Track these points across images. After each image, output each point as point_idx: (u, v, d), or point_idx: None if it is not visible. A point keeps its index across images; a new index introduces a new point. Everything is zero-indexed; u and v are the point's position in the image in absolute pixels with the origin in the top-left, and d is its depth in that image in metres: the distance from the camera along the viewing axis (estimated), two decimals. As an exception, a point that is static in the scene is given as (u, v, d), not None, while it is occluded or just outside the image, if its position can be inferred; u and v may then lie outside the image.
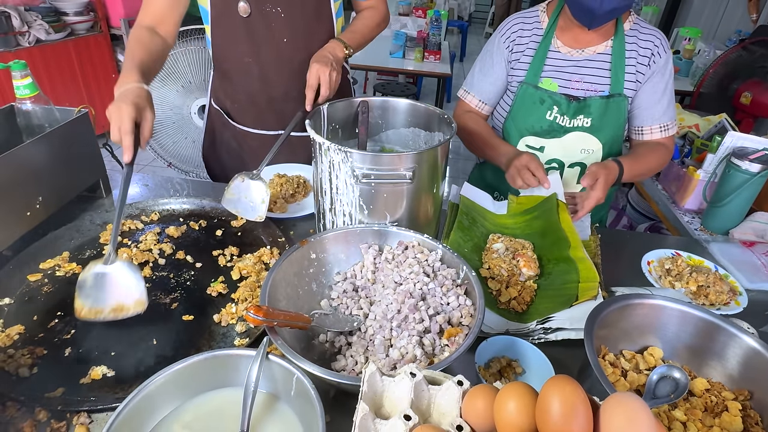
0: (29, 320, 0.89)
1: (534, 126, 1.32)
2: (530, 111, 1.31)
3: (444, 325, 0.79)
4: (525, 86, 1.31)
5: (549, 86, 1.29)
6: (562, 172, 1.35)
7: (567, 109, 1.27)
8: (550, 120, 1.29)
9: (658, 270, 1.12)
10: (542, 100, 1.29)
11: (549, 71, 1.30)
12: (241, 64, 1.35)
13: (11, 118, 1.16)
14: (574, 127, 1.29)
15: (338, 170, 0.96)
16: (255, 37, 1.29)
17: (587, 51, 1.28)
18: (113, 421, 0.60)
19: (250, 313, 0.69)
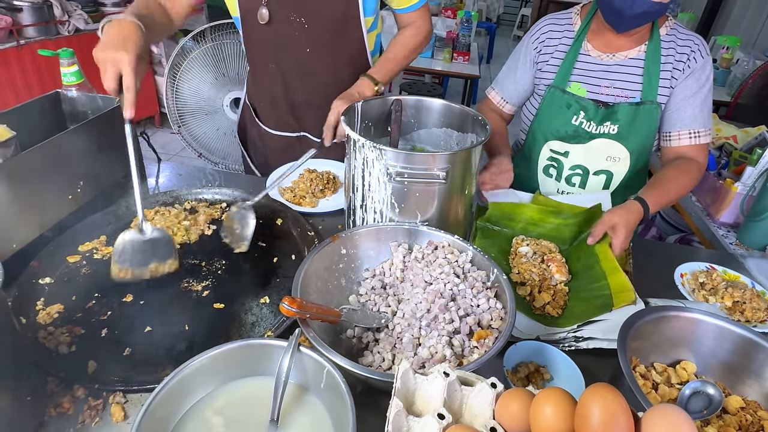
0: (68, 300, 0.92)
1: (559, 130, 1.30)
2: (556, 115, 1.30)
3: (474, 327, 0.79)
4: (552, 90, 1.29)
5: (577, 91, 1.27)
6: (586, 179, 1.33)
7: (594, 114, 1.25)
8: (576, 125, 1.28)
9: (692, 283, 1.10)
10: (569, 105, 1.27)
11: (578, 75, 1.28)
12: (265, 68, 1.36)
13: (56, 104, 1.19)
14: (600, 133, 1.26)
15: (371, 167, 0.96)
16: (277, 44, 1.29)
17: (618, 56, 1.25)
18: (151, 402, 0.61)
19: (285, 304, 0.70)
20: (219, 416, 0.68)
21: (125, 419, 0.72)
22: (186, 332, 0.88)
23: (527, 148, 1.41)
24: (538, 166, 1.38)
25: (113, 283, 0.97)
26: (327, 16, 1.23)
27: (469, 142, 1.15)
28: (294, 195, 1.27)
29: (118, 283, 0.97)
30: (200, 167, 1.46)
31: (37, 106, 1.15)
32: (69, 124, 1.19)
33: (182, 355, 0.83)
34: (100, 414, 0.72)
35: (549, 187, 1.40)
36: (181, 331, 0.88)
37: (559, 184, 1.37)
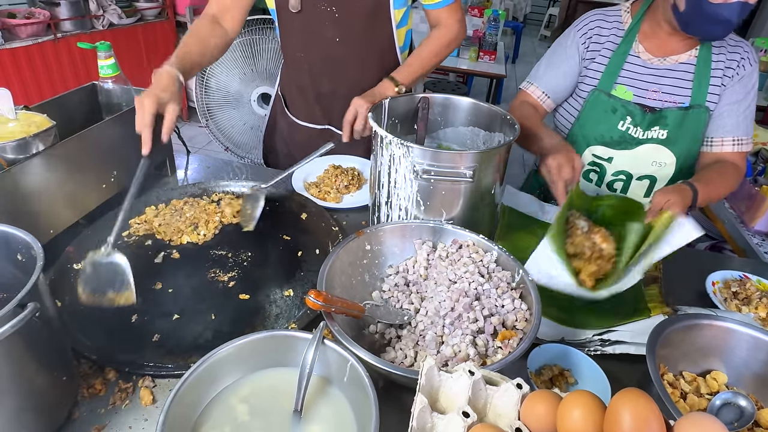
0: (101, 286, 0.95)
1: (604, 135, 1.26)
2: (601, 119, 1.25)
3: (498, 327, 0.78)
4: (597, 93, 1.24)
5: (623, 95, 1.23)
6: (629, 184, 1.29)
7: (641, 120, 1.20)
8: (623, 131, 1.23)
9: (724, 292, 1.07)
10: (614, 109, 1.22)
11: (625, 78, 1.23)
12: (294, 57, 1.38)
13: (93, 95, 1.23)
14: (647, 138, 1.22)
15: (398, 164, 0.96)
16: (306, 33, 1.30)
17: (669, 60, 1.20)
18: (179, 388, 0.63)
19: (311, 297, 0.71)
20: (244, 404, 0.69)
21: (153, 403, 0.74)
22: (212, 321, 0.90)
23: None
24: None
25: (144, 269, 1.00)
26: (357, 5, 1.24)
27: (496, 141, 1.14)
28: (319, 190, 1.28)
29: (148, 271, 1.00)
30: (227, 160, 1.48)
31: (75, 97, 1.19)
32: (104, 114, 1.22)
33: (208, 344, 0.85)
34: (130, 397, 0.74)
35: (589, 193, 1.28)
36: (208, 320, 0.90)
37: (599, 189, 1.33)
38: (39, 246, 0.64)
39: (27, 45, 2.84)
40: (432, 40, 1.32)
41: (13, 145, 0.88)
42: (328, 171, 1.34)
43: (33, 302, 0.57)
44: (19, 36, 2.85)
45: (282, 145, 1.58)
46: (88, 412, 0.72)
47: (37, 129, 0.93)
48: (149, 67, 3.68)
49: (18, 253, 0.68)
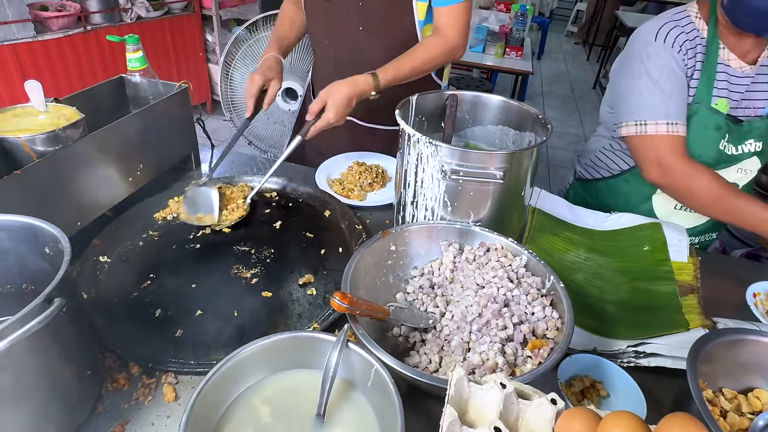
0: (125, 279, 0.95)
1: (702, 155, 1.12)
2: (699, 136, 1.11)
3: (528, 336, 0.76)
4: (697, 106, 1.09)
5: (723, 108, 1.10)
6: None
7: (734, 135, 1.11)
8: (721, 150, 1.12)
9: (766, 304, 1.01)
10: (718, 126, 1.10)
11: (721, 89, 1.10)
12: (321, 46, 1.39)
13: (120, 88, 1.24)
14: (741, 154, 1.13)
15: (425, 164, 0.94)
16: (332, 21, 1.31)
17: (752, 66, 1.10)
18: (203, 387, 0.62)
19: (336, 299, 0.69)
20: (266, 405, 0.68)
21: (176, 400, 0.73)
22: (235, 318, 0.89)
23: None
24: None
25: (167, 264, 1.00)
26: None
27: (526, 141, 1.10)
28: (343, 187, 1.26)
29: (172, 265, 1.00)
30: (251, 155, 1.48)
31: (103, 89, 1.19)
32: (132, 107, 1.23)
33: (231, 341, 0.85)
34: (153, 393, 0.74)
35: (667, 204, 1.24)
36: (230, 316, 0.89)
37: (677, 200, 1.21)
38: (66, 240, 0.63)
39: (58, 37, 2.90)
40: (426, 47, 1.20)
41: (43, 138, 0.89)
42: (351, 168, 1.33)
43: (60, 297, 0.57)
44: (51, 28, 2.91)
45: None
46: (111, 406, 0.72)
47: (66, 121, 0.94)
48: (175, 60, 3.73)
49: (46, 246, 0.68)
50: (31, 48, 2.78)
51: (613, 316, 0.93)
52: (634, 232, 1.13)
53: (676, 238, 1.08)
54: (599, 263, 1.07)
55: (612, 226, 1.18)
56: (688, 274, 1.00)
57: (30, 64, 2.79)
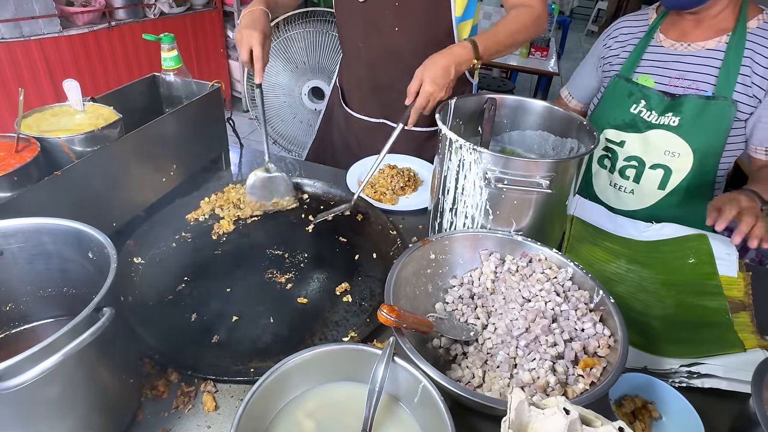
0: (160, 281, 0.94)
1: (617, 119, 1.28)
2: (617, 104, 1.28)
3: (579, 354, 0.73)
4: (617, 79, 1.28)
5: (645, 81, 1.23)
6: (641, 171, 1.27)
7: (657, 104, 1.20)
8: (634, 113, 1.24)
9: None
10: (630, 93, 1.25)
11: (646, 66, 1.25)
12: (354, 48, 1.36)
13: (153, 87, 1.23)
14: (659, 124, 1.20)
15: (467, 170, 0.91)
16: (368, 22, 1.28)
17: (694, 46, 1.18)
18: (249, 399, 0.60)
19: (383, 312, 0.67)
20: (310, 420, 0.66)
21: (216, 410, 0.72)
22: (271, 325, 0.87)
23: None
24: (593, 156, 1.37)
25: (201, 267, 0.99)
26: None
27: (567, 147, 1.07)
28: (374, 191, 1.24)
29: (206, 268, 0.99)
30: (280, 156, 1.46)
31: (136, 88, 1.19)
32: (165, 106, 1.22)
33: (268, 348, 0.83)
34: (193, 402, 0.73)
35: (602, 179, 1.38)
36: (267, 323, 0.88)
37: (612, 176, 1.34)
38: (113, 247, 0.62)
39: (83, 32, 2.92)
40: (513, 18, 1.13)
41: (82, 138, 0.88)
42: (383, 171, 1.30)
43: (109, 306, 0.56)
44: (76, 23, 2.92)
45: (338, 138, 1.56)
46: (152, 414, 0.70)
47: (104, 121, 0.93)
48: (196, 56, 3.73)
49: (89, 251, 0.67)
50: (57, 43, 2.80)
51: (660, 332, 0.90)
52: (678, 243, 1.09)
53: (724, 251, 1.03)
54: (642, 275, 1.04)
55: (653, 237, 1.14)
56: (738, 290, 0.96)
57: (55, 59, 2.82)
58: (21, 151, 0.81)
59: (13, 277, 0.69)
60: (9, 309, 0.71)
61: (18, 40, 2.61)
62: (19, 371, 0.48)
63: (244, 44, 1.05)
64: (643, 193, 1.29)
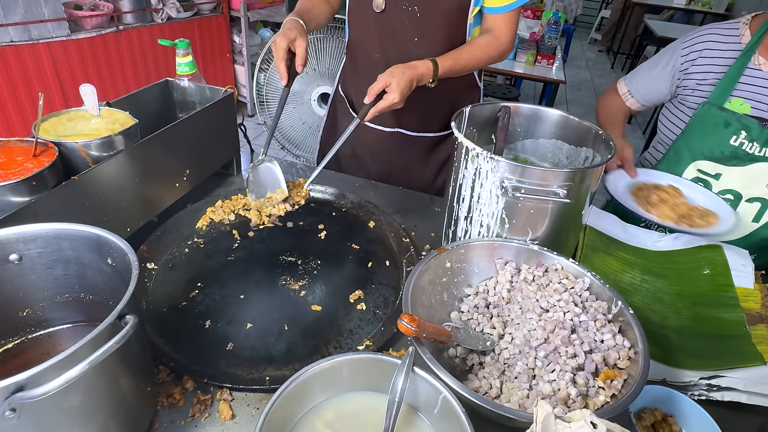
0: (173, 287, 0.94)
1: (713, 150, 1.19)
2: (710, 133, 1.18)
3: (600, 365, 0.72)
4: (707, 106, 1.17)
5: (739, 108, 1.15)
6: (736, 205, 1.20)
7: (758, 134, 1.12)
8: (735, 146, 1.15)
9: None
10: (727, 123, 1.15)
11: (743, 91, 1.16)
12: (369, 58, 1.34)
13: (166, 92, 1.23)
14: (764, 156, 1.13)
15: (484, 179, 0.91)
16: (386, 33, 1.27)
17: None
18: (270, 408, 0.60)
19: (404, 321, 0.66)
20: (329, 430, 0.65)
21: (233, 418, 0.71)
22: (285, 332, 0.87)
23: (665, 166, 1.30)
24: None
25: (214, 273, 0.98)
26: (442, 5, 1.20)
27: (582, 156, 1.07)
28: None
29: (219, 274, 0.98)
30: (291, 162, 1.46)
31: (150, 93, 1.19)
32: (178, 112, 1.22)
33: (283, 356, 0.83)
34: (209, 410, 0.72)
35: None
36: (281, 330, 0.87)
37: None
38: (134, 254, 0.62)
39: (91, 36, 2.93)
40: (482, 47, 1.22)
41: (99, 143, 0.88)
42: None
43: (132, 314, 0.55)
44: (84, 27, 2.94)
45: (346, 147, 1.55)
46: (168, 423, 0.70)
47: (121, 126, 0.93)
48: (202, 61, 3.75)
49: (109, 257, 0.66)
50: (66, 46, 2.81)
51: (678, 344, 0.89)
52: (692, 254, 1.09)
53: (740, 262, 1.03)
54: (657, 286, 1.03)
55: (667, 247, 1.13)
56: (755, 302, 0.95)
57: (64, 63, 2.83)
58: (39, 156, 0.81)
59: (31, 282, 0.68)
60: (26, 314, 0.70)
61: (27, 44, 2.62)
62: (42, 381, 0.47)
63: (280, 46, 1.05)
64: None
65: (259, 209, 1.11)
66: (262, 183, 1.12)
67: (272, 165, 1.11)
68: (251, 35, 3.96)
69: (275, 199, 1.10)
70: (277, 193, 1.10)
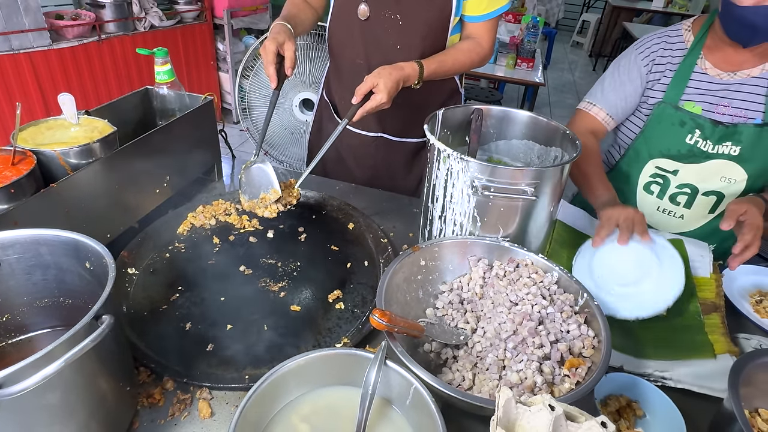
0: (154, 291, 0.95)
1: (670, 149, 1.23)
2: (667, 132, 1.22)
3: (565, 354, 0.75)
4: (663, 106, 1.21)
5: (692, 109, 1.19)
6: (693, 199, 1.25)
7: (711, 133, 1.17)
8: (690, 144, 1.20)
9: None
10: (683, 122, 1.19)
11: (692, 94, 1.20)
12: (352, 64, 1.37)
13: (146, 100, 1.25)
14: (717, 153, 1.18)
15: (455, 179, 0.94)
16: (369, 40, 1.30)
17: (740, 74, 1.16)
18: (245, 405, 0.62)
19: (375, 316, 0.69)
20: (305, 424, 0.68)
21: (212, 416, 0.73)
22: (265, 333, 0.89)
23: (625, 164, 1.34)
24: (639, 183, 1.32)
25: (194, 277, 1.00)
26: (423, 13, 1.23)
27: (551, 156, 1.10)
28: None
29: (199, 278, 1.00)
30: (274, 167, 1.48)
31: (130, 101, 1.20)
32: (158, 119, 1.24)
33: (262, 355, 0.85)
34: (188, 409, 0.74)
35: (648, 205, 1.32)
36: (260, 331, 0.89)
37: (660, 202, 1.31)
38: (111, 257, 0.64)
39: (73, 46, 2.92)
40: (465, 51, 1.26)
41: (77, 151, 0.89)
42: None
43: (109, 314, 0.57)
44: (66, 37, 2.93)
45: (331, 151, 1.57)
46: (148, 422, 0.71)
47: (99, 134, 0.95)
48: (187, 71, 3.75)
49: (87, 261, 0.68)
50: (47, 56, 2.80)
51: (637, 333, 0.93)
52: None
53: (698, 253, 1.07)
54: None
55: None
56: (710, 291, 1.00)
57: (45, 72, 2.82)
58: (17, 164, 0.83)
59: (10, 288, 0.70)
60: (6, 320, 0.72)
61: (7, 54, 2.61)
62: (20, 378, 0.49)
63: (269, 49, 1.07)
64: (693, 217, 1.29)
65: (253, 209, 1.13)
66: (254, 184, 1.14)
67: (264, 166, 1.14)
68: (235, 42, 3.98)
69: (269, 199, 1.13)
70: (271, 193, 1.13)
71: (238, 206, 1.20)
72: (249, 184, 1.14)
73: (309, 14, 1.33)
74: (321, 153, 1.11)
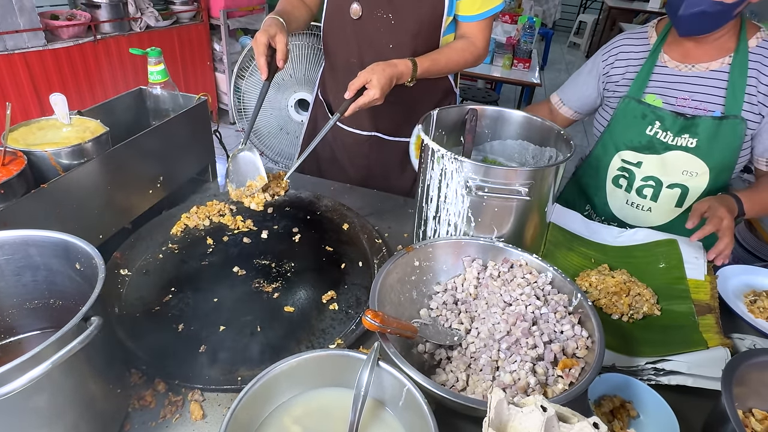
0: (147, 292, 0.95)
1: (632, 140, 1.28)
2: (630, 125, 1.27)
3: (558, 355, 0.75)
4: (627, 100, 1.27)
5: (653, 101, 1.24)
6: (658, 191, 1.29)
7: (671, 125, 1.21)
8: (650, 135, 1.24)
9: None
10: (644, 115, 1.24)
11: (654, 87, 1.25)
12: (346, 63, 1.37)
13: (140, 100, 1.24)
14: (676, 145, 1.22)
15: (450, 179, 0.94)
16: (362, 39, 1.30)
17: (699, 67, 1.21)
18: (236, 406, 0.61)
19: (368, 317, 0.69)
20: (297, 425, 0.67)
21: (203, 418, 0.73)
22: (258, 334, 0.88)
23: (595, 157, 1.39)
24: (608, 176, 1.37)
25: (187, 278, 0.99)
26: (415, 13, 1.23)
27: (546, 156, 1.10)
28: None
29: (192, 279, 0.99)
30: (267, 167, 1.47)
31: (123, 101, 1.20)
32: (152, 119, 1.23)
33: (255, 357, 0.84)
34: (180, 410, 0.73)
35: (618, 198, 1.38)
36: (253, 332, 0.89)
37: (629, 195, 1.35)
38: (101, 258, 0.63)
39: (68, 46, 2.91)
40: (457, 49, 1.27)
41: (69, 151, 0.89)
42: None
43: (98, 316, 0.57)
44: (61, 37, 2.92)
45: (326, 150, 1.57)
46: (139, 424, 0.71)
47: (91, 134, 0.94)
48: (183, 70, 3.75)
49: (77, 263, 0.68)
50: (42, 56, 2.79)
51: (631, 333, 0.93)
52: (649, 248, 1.13)
53: (692, 255, 1.07)
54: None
55: (626, 242, 1.18)
56: (704, 293, 1.00)
57: (40, 73, 2.81)
58: (8, 165, 0.82)
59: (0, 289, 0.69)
60: (-5, 322, 0.71)
61: (2, 54, 2.60)
62: (8, 380, 0.48)
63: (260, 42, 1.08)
64: (661, 210, 1.31)
65: (240, 198, 1.13)
66: (241, 172, 1.14)
67: (252, 154, 1.14)
68: (232, 43, 3.97)
69: (255, 186, 1.12)
70: (257, 180, 1.12)
71: (232, 207, 1.19)
72: (236, 172, 1.14)
73: (303, 12, 1.33)
74: (312, 145, 1.11)
